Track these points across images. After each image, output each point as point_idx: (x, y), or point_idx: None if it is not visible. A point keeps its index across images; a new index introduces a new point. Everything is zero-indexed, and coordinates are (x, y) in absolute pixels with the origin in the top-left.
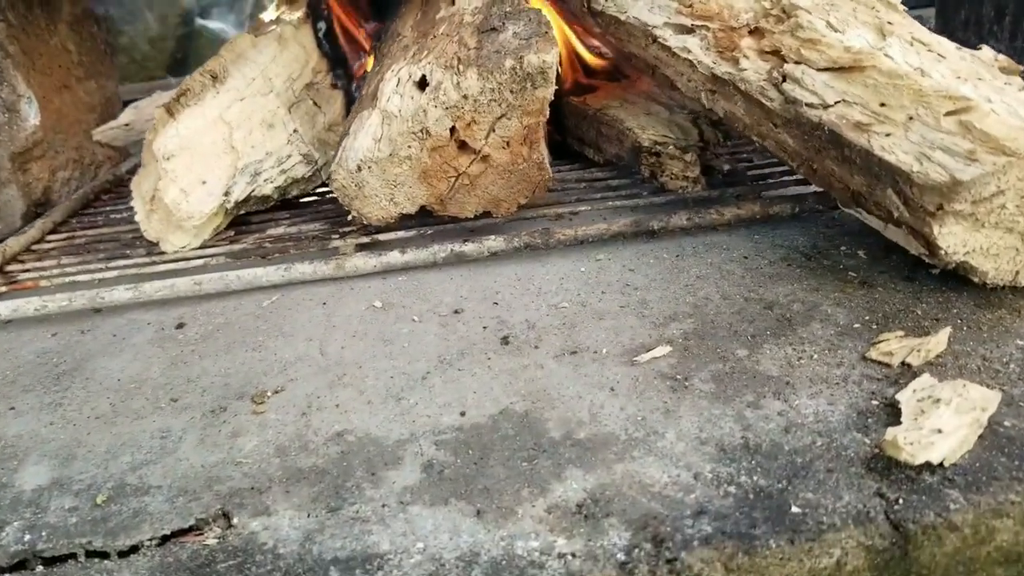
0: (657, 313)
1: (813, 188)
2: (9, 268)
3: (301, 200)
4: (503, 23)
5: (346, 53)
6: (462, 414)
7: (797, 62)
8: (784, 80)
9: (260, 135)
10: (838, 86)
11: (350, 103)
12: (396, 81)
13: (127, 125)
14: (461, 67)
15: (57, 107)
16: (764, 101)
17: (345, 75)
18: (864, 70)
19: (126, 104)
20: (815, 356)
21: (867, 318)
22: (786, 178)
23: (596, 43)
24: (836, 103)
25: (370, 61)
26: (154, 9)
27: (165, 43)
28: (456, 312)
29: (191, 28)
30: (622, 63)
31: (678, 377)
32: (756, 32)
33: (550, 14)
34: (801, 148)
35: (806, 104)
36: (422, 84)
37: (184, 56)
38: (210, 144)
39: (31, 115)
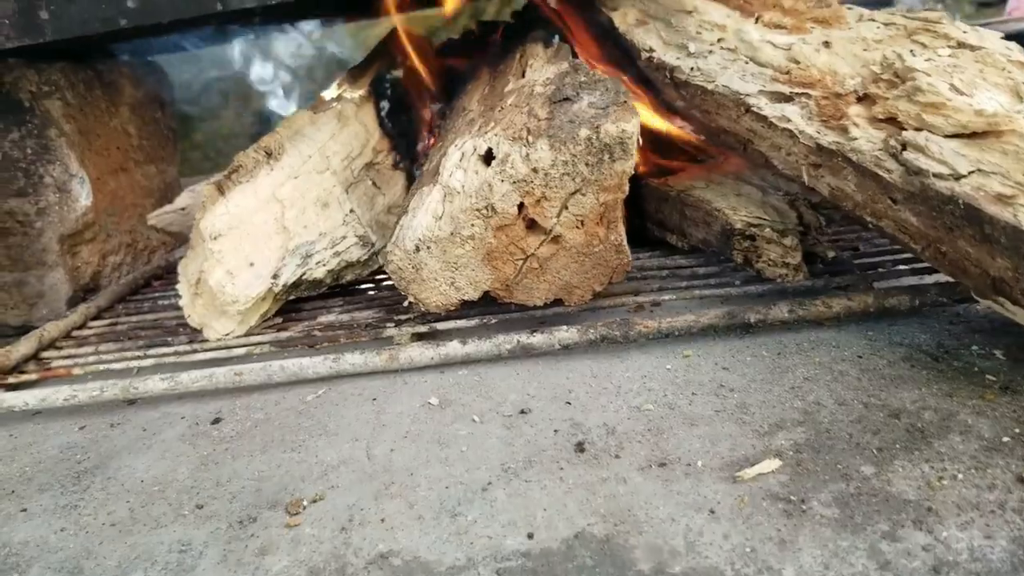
0: (760, 420)
1: (933, 278)
2: (45, 354)
3: (357, 286)
4: (577, 93)
5: (409, 132)
6: (529, 536)
7: (918, 128)
8: (904, 149)
9: (314, 214)
10: (971, 154)
11: (412, 185)
12: (460, 155)
13: (183, 209)
14: (531, 138)
15: (112, 189)
16: (881, 173)
17: (408, 155)
18: (1001, 135)
19: None
20: (959, 476)
21: (1017, 431)
22: (900, 267)
23: (678, 122)
24: (970, 173)
25: (434, 140)
26: (230, 107)
27: (240, 140)
28: (522, 412)
29: (266, 127)
30: (708, 140)
31: (792, 499)
32: (865, 99)
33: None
34: (927, 227)
35: (933, 175)
36: (488, 158)
37: None
38: (260, 223)
39: (83, 196)
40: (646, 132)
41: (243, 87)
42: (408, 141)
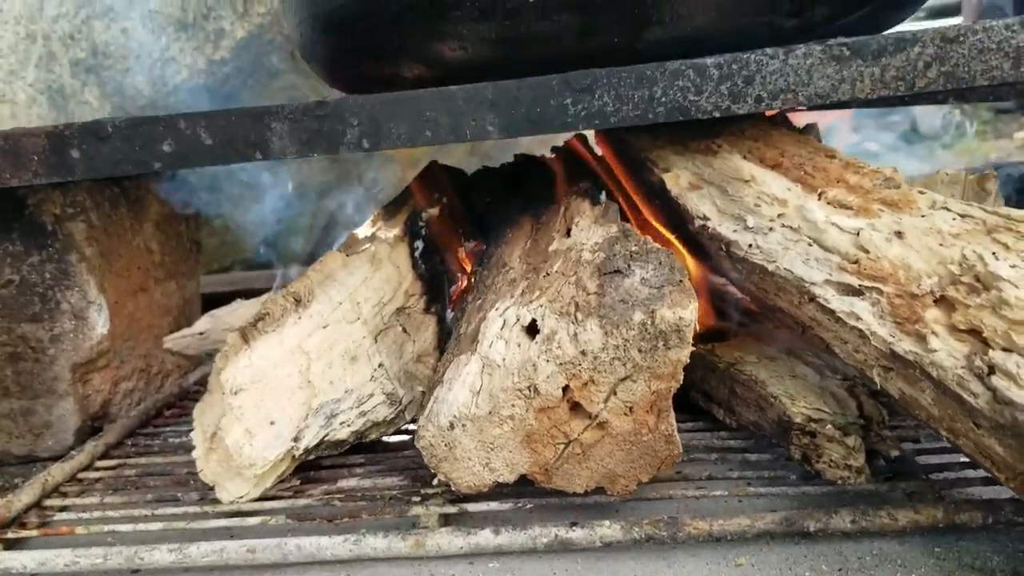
0: None
1: (1008, 493)
2: (48, 502)
3: (379, 441)
4: (628, 265)
5: (443, 273)
6: None
7: (1007, 349)
8: (992, 372)
9: (341, 369)
10: None
11: (443, 330)
12: (501, 323)
13: (202, 334)
14: (580, 315)
15: (130, 312)
16: (964, 396)
17: (440, 298)
18: None
19: (206, 307)
20: None
21: None
22: (969, 472)
23: (731, 287)
24: None
25: (468, 283)
26: (249, 195)
27: (257, 227)
28: None
29: (286, 215)
30: (763, 312)
31: None
32: (943, 301)
33: (676, 248)
34: (1017, 461)
35: None
36: (531, 330)
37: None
38: (284, 377)
39: (99, 323)
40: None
41: (258, 175)
42: (441, 282)
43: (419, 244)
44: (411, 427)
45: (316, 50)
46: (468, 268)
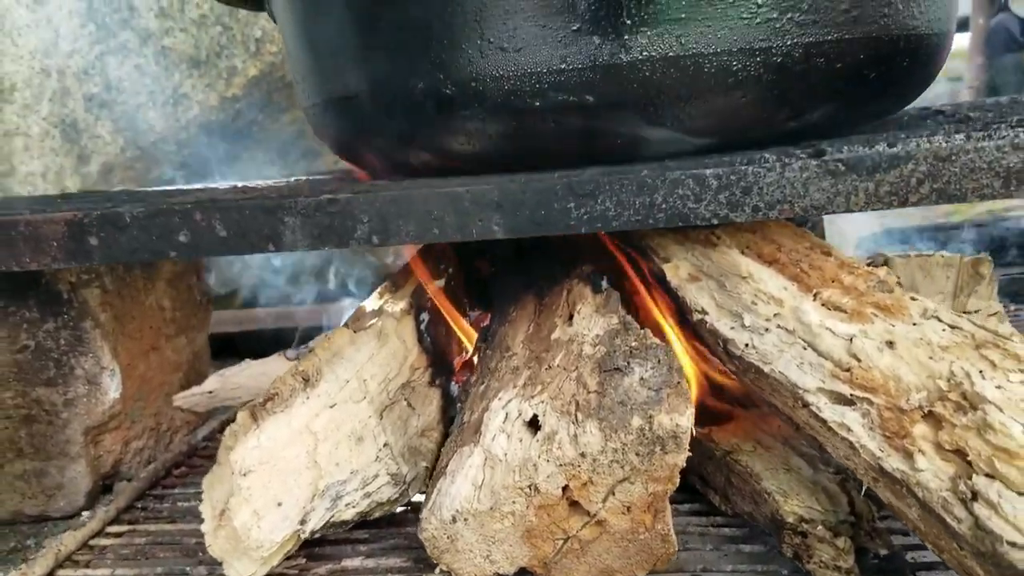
0: None
1: None
2: (61, 573)
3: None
4: (628, 363)
5: (447, 344)
6: None
7: (989, 475)
8: (975, 499)
9: (347, 450)
10: None
11: (447, 403)
12: (504, 416)
13: (211, 393)
14: (580, 416)
15: (141, 373)
16: (948, 520)
17: (444, 370)
18: None
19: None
20: None
21: None
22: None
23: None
24: None
25: (472, 358)
26: None
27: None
28: None
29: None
30: (760, 403)
31: None
32: (931, 417)
33: (672, 334)
34: None
35: (1007, 543)
36: (533, 424)
37: None
38: (292, 458)
39: (112, 388)
40: (694, 372)
41: None
42: (445, 354)
43: (424, 316)
44: (417, 498)
45: (328, 132)
46: (473, 339)
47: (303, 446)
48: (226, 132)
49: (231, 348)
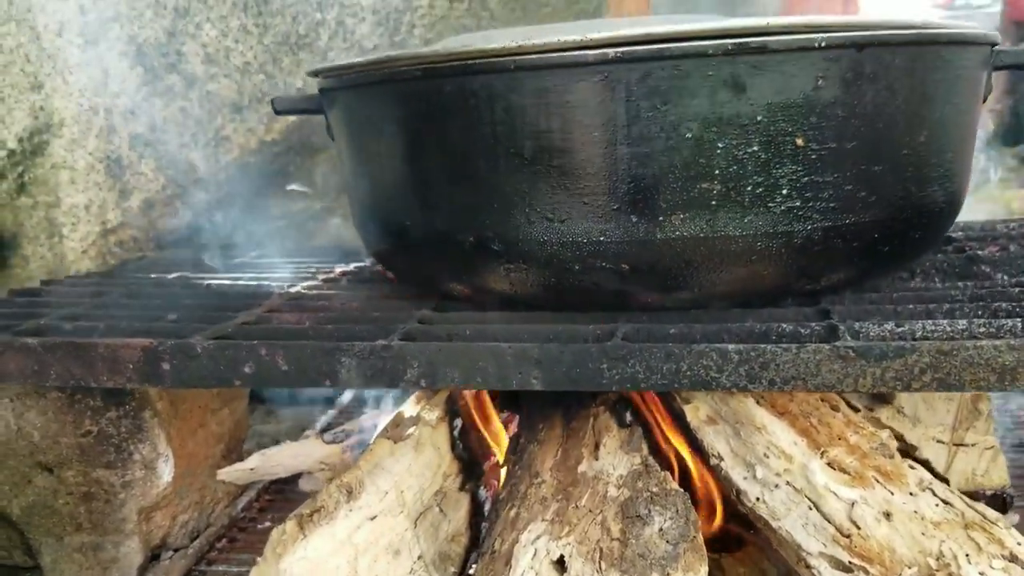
0: None
1: None
2: None
3: None
4: (649, 511)
5: (478, 449)
6: None
7: None
8: None
9: (385, 563)
10: None
11: (476, 508)
12: (532, 551)
13: (252, 469)
14: (603, 564)
15: (190, 450)
16: None
17: (474, 475)
18: None
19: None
20: None
21: None
22: None
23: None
24: None
25: (501, 468)
26: None
27: None
28: None
29: None
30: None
31: None
32: None
33: (684, 451)
34: None
35: None
36: (560, 563)
37: None
38: (334, 568)
39: (166, 473)
40: (704, 492)
41: None
42: (476, 459)
43: (458, 422)
44: None
45: (378, 252)
46: (502, 444)
47: (345, 556)
48: (263, 173)
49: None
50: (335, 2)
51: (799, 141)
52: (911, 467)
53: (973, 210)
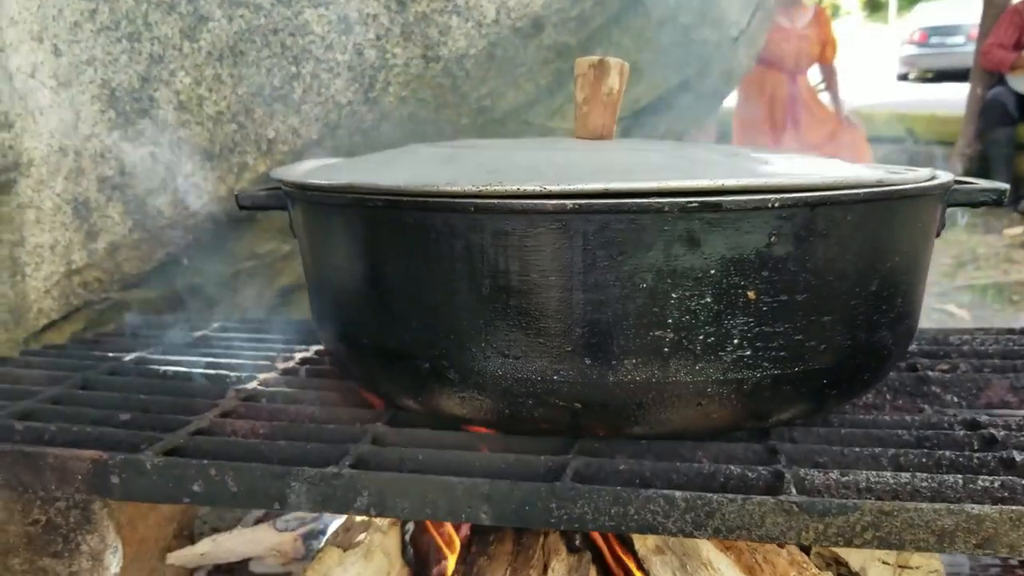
0: None
1: None
2: None
3: None
4: None
5: (427, 556)
6: None
7: None
8: None
9: None
10: None
11: None
12: None
13: (203, 555)
14: None
15: (140, 535)
16: None
17: None
18: None
19: None
20: None
21: None
22: None
23: None
24: None
25: (451, 567)
26: None
27: None
28: None
29: None
30: None
31: None
32: None
33: None
34: None
35: None
36: None
37: None
38: None
39: (113, 564)
40: None
41: None
42: (425, 564)
43: (409, 526)
44: None
45: (333, 354)
46: (454, 548)
47: None
48: (230, 221)
49: None
50: (311, 56)
51: (751, 294)
52: None
53: (940, 253)
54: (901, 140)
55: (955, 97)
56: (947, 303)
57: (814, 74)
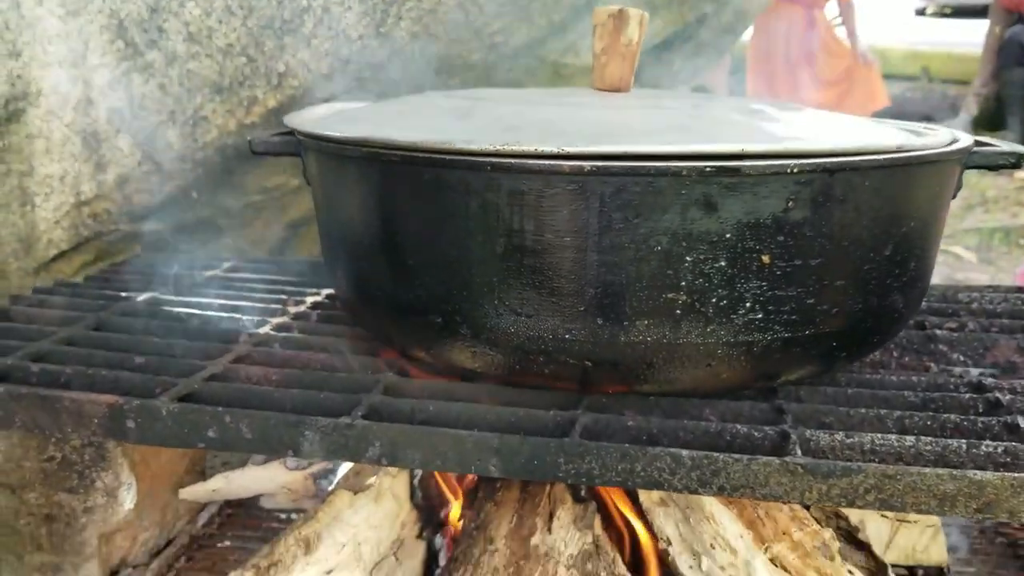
0: None
1: None
2: None
3: None
4: None
5: (435, 500)
6: None
7: None
8: None
9: None
10: None
11: (429, 556)
12: None
13: (215, 490)
14: None
15: (154, 471)
16: None
17: (431, 523)
18: None
19: None
20: None
21: None
22: None
23: None
24: None
25: (456, 511)
26: None
27: None
28: None
29: None
30: None
31: None
32: None
33: (637, 528)
34: None
35: None
36: None
37: None
38: None
39: (127, 500)
40: None
41: None
42: (434, 507)
43: (418, 471)
44: None
45: (346, 302)
46: (459, 495)
47: None
48: (240, 156)
49: None
50: None
51: (765, 259)
52: (849, 572)
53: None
54: (916, 78)
55: (972, 37)
56: (954, 245)
57: (831, 8)
